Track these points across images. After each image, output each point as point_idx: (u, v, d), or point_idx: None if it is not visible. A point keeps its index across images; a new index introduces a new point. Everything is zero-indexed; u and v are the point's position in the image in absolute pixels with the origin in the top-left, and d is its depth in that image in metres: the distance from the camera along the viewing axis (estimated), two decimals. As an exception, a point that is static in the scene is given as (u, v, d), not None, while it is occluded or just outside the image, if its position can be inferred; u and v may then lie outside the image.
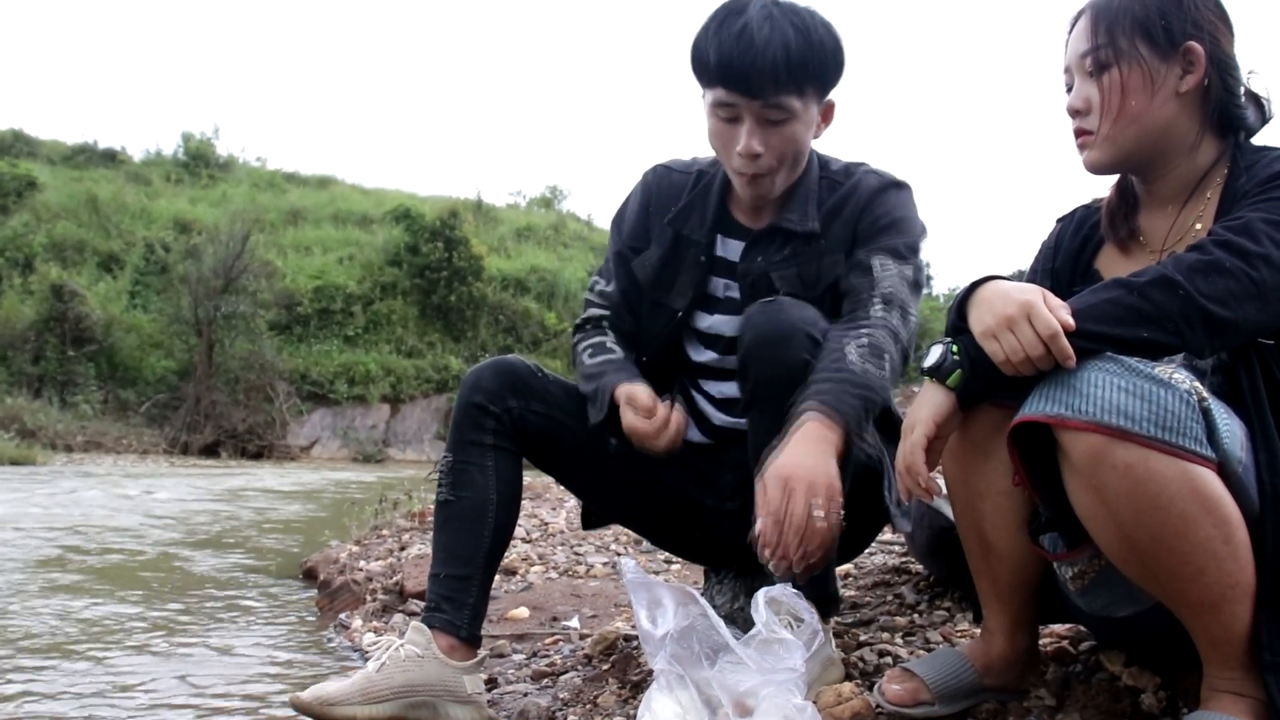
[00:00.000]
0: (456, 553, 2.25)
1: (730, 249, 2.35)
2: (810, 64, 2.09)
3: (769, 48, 2.04)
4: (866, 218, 2.24)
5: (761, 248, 2.29)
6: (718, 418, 2.40)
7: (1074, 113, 1.81)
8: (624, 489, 2.41)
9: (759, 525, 1.87)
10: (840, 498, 1.88)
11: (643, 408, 2.22)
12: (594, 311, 2.50)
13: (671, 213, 2.38)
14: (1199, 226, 1.75)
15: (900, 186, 2.28)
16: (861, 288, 2.15)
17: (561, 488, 2.90)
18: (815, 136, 2.24)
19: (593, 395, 2.31)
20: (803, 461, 1.87)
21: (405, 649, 2.15)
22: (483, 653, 2.27)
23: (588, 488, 2.50)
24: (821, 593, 2.12)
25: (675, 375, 2.45)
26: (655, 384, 2.32)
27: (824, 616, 2.10)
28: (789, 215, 2.27)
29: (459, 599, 2.22)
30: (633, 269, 2.42)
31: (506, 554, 4.30)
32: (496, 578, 3.88)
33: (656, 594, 1.88)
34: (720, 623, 1.85)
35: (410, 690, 2.12)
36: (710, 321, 2.37)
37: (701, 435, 2.42)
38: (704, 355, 2.40)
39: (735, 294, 2.33)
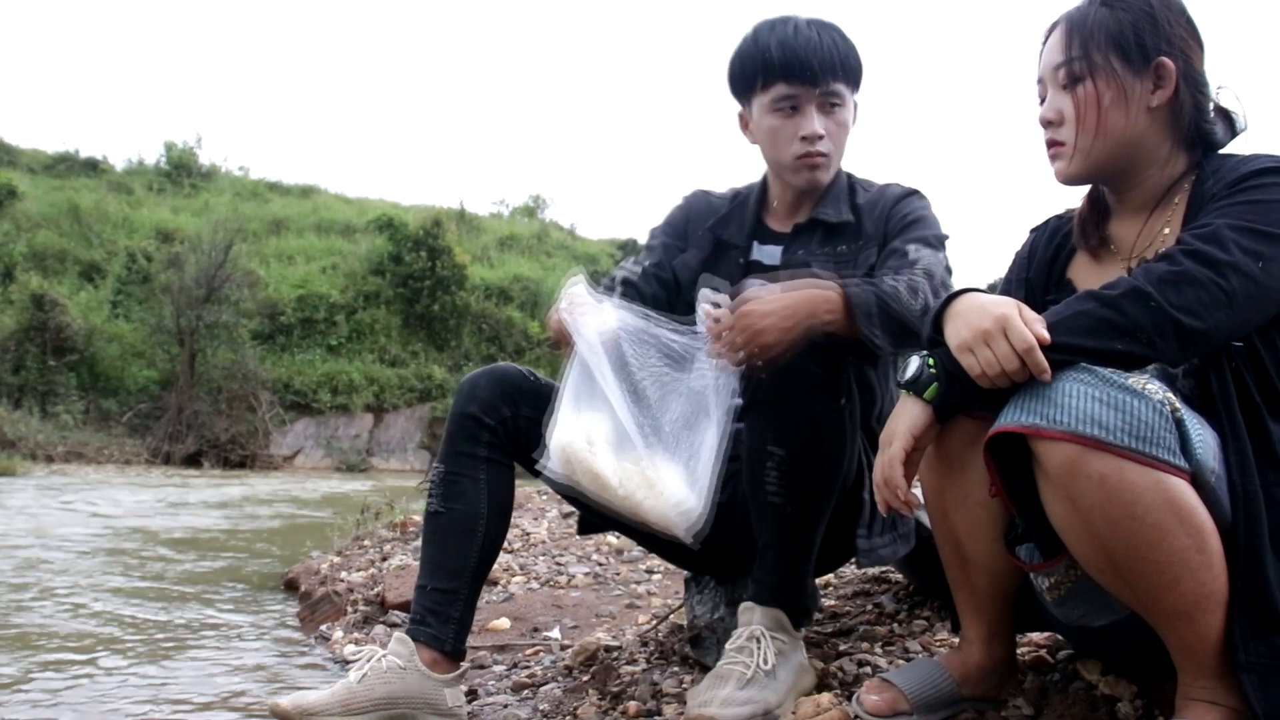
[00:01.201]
0: (444, 566, 2.26)
1: (765, 253, 2.46)
2: (851, 59, 2.33)
3: (824, 41, 2.29)
4: (896, 215, 2.36)
5: (802, 240, 2.40)
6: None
7: (1046, 124, 1.83)
8: None
9: (710, 314, 2.02)
10: (798, 323, 1.97)
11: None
12: (620, 274, 2.54)
13: (712, 220, 2.52)
14: (1167, 232, 1.77)
15: (922, 194, 2.43)
16: (900, 266, 2.21)
17: (544, 497, 2.90)
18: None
19: None
20: (774, 293, 2.00)
21: (387, 660, 2.16)
22: (465, 665, 2.27)
23: None
24: (796, 602, 2.13)
25: None
26: None
27: (796, 625, 2.12)
28: (824, 210, 2.40)
29: (444, 613, 2.23)
30: (675, 266, 2.52)
31: (488, 564, 4.31)
32: (478, 588, 3.88)
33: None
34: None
35: (390, 702, 2.13)
36: None
37: None
38: None
39: None
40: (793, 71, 2.28)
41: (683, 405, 2.09)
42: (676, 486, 2.04)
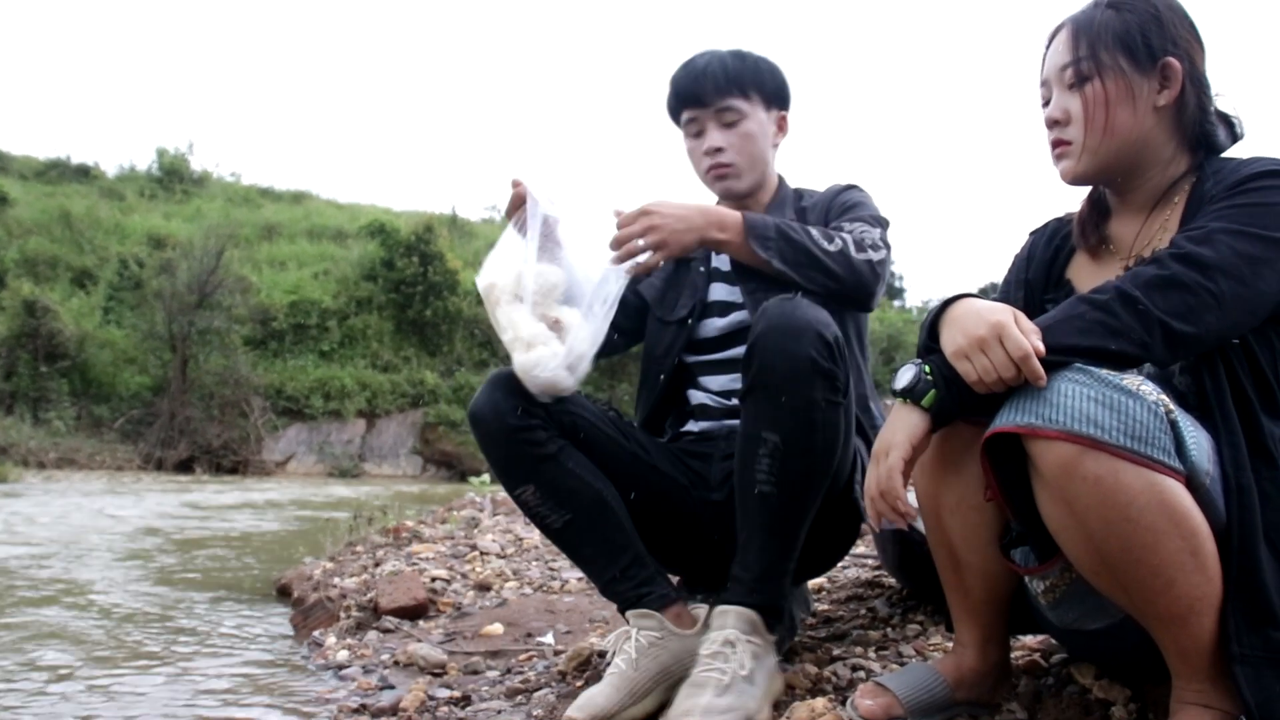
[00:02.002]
0: (613, 549, 2.30)
1: (724, 260, 2.56)
2: (745, 72, 2.50)
3: (708, 66, 2.50)
4: (835, 206, 2.51)
5: None
6: (714, 408, 2.53)
7: (1053, 123, 1.84)
8: (623, 485, 2.39)
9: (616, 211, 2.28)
10: (692, 228, 2.24)
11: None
12: None
13: None
14: (1165, 232, 1.78)
15: (859, 186, 2.57)
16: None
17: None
18: (775, 144, 2.60)
19: None
20: (679, 204, 2.27)
21: (644, 636, 2.19)
22: (697, 608, 2.32)
23: None
24: (771, 602, 2.11)
25: (684, 385, 2.60)
26: (668, 398, 2.60)
27: (770, 629, 2.12)
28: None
29: (651, 574, 2.29)
30: (640, 289, 2.65)
31: (481, 570, 4.31)
32: (470, 594, 3.88)
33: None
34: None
35: (666, 673, 2.17)
36: (713, 323, 2.53)
37: (696, 424, 2.56)
38: (706, 355, 2.54)
39: (736, 297, 2.50)
40: (689, 98, 2.51)
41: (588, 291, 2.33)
42: (552, 353, 2.24)
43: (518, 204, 2.35)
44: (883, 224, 2.39)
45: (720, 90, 2.47)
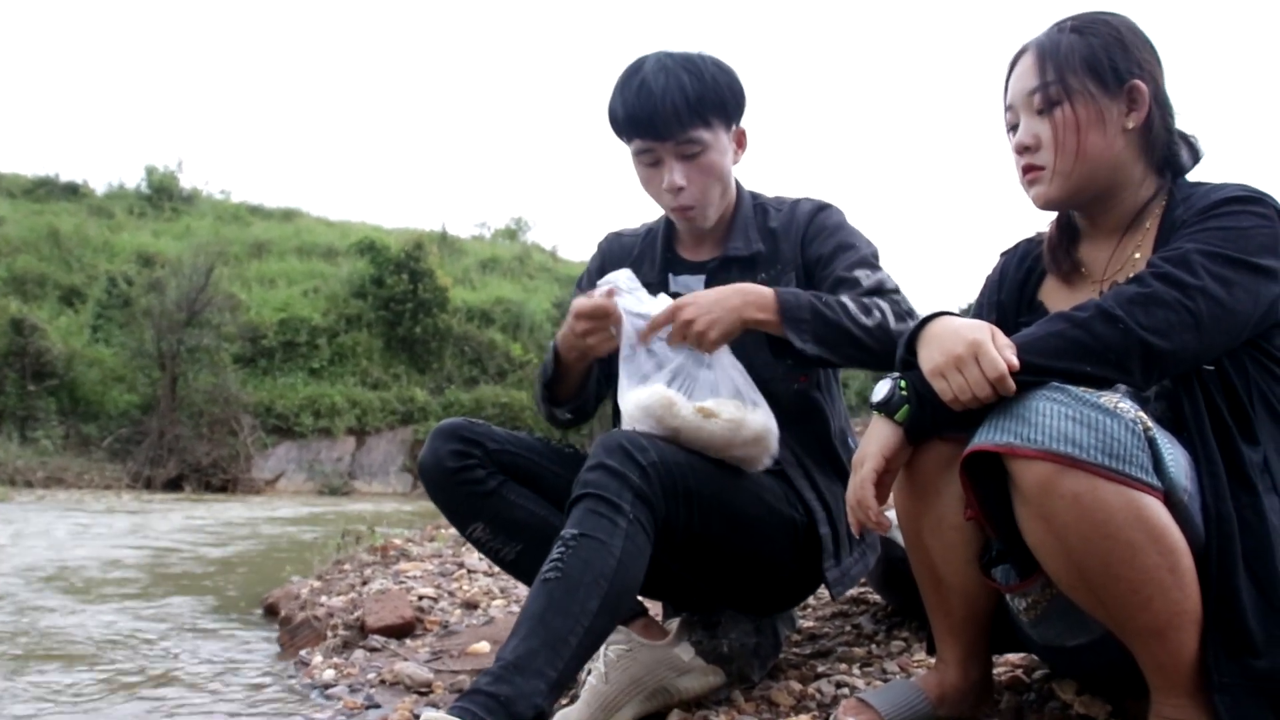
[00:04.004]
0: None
1: (683, 284, 2.49)
2: (707, 99, 2.28)
3: (667, 94, 2.25)
4: (813, 235, 2.39)
5: (721, 281, 2.36)
6: None
7: (1023, 149, 1.85)
8: None
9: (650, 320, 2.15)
10: (731, 312, 2.10)
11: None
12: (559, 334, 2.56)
13: (626, 265, 2.47)
14: (1138, 256, 1.80)
15: (831, 206, 2.46)
16: (858, 292, 2.24)
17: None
18: (735, 163, 2.44)
19: (545, 365, 2.44)
20: (705, 294, 2.15)
21: (612, 650, 2.18)
22: (664, 622, 2.34)
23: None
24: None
25: None
26: None
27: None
28: (734, 244, 2.43)
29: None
30: None
31: (469, 588, 4.31)
32: (457, 612, 3.88)
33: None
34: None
35: (638, 684, 2.17)
36: None
37: None
38: None
39: None
40: (642, 129, 2.30)
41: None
42: (758, 410, 2.16)
43: (598, 314, 2.22)
44: (879, 259, 2.34)
45: (679, 122, 2.26)
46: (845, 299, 2.16)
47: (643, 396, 2.12)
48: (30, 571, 6.60)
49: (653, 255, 2.53)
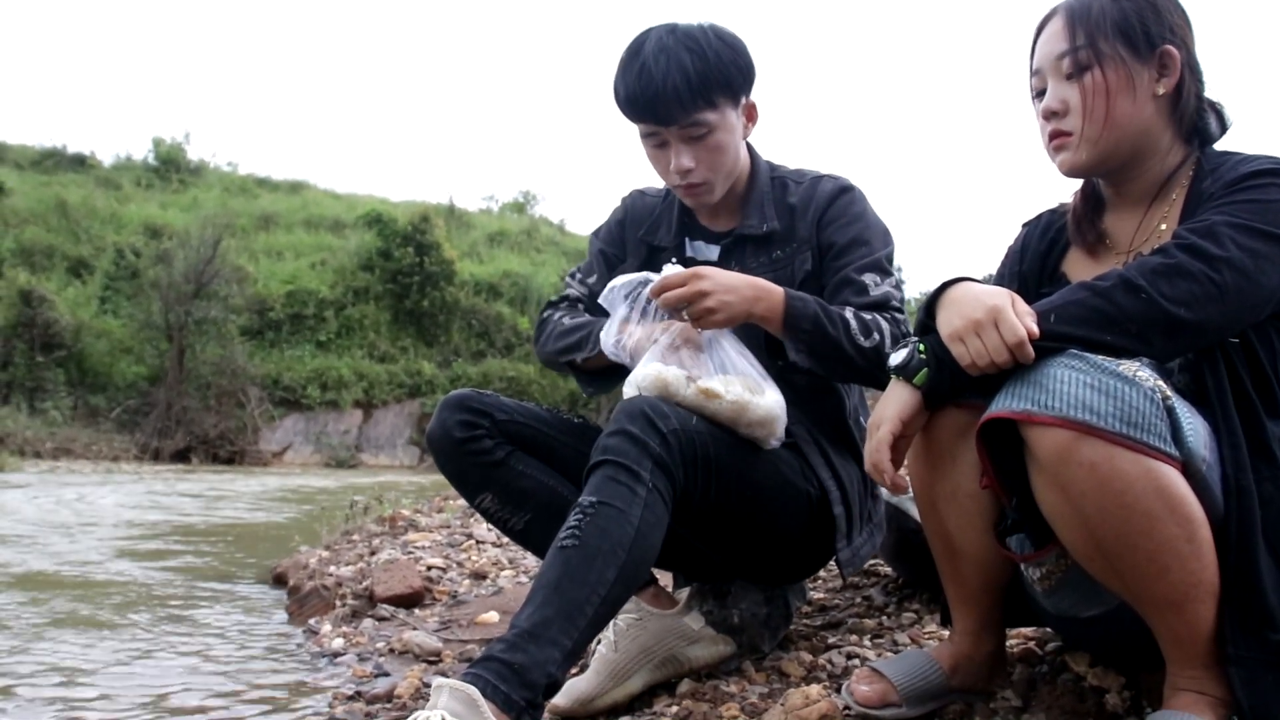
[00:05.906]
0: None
1: (700, 250, 2.48)
2: (710, 79, 2.22)
3: (668, 78, 2.19)
4: (830, 220, 2.35)
5: (736, 257, 2.39)
6: None
7: (1050, 114, 1.81)
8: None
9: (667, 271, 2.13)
10: (740, 301, 2.10)
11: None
12: (571, 293, 2.58)
13: (644, 228, 2.52)
14: (1164, 227, 1.77)
15: (854, 189, 2.40)
16: (862, 303, 2.23)
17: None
18: (745, 137, 2.40)
19: (581, 341, 2.37)
20: (728, 273, 2.14)
21: (622, 619, 2.19)
22: (680, 593, 2.35)
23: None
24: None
25: None
26: None
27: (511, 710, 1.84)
28: (748, 221, 2.40)
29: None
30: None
31: (477, 559, 4.31)
32: (466, 582, 3.88)
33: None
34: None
35: (648, 653, 2.19)
36: None
37: None
38: None
39: None
40: (645, 114, 2.26)
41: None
42: (765, 394, 2.13)
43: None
44: (891, 261, 2.32)
45: (683, 106, 2.21)
46: (849, 315, 2.16)
47: (639, 375, 2.11)
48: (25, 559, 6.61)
49: (670, 219, 2.51)
